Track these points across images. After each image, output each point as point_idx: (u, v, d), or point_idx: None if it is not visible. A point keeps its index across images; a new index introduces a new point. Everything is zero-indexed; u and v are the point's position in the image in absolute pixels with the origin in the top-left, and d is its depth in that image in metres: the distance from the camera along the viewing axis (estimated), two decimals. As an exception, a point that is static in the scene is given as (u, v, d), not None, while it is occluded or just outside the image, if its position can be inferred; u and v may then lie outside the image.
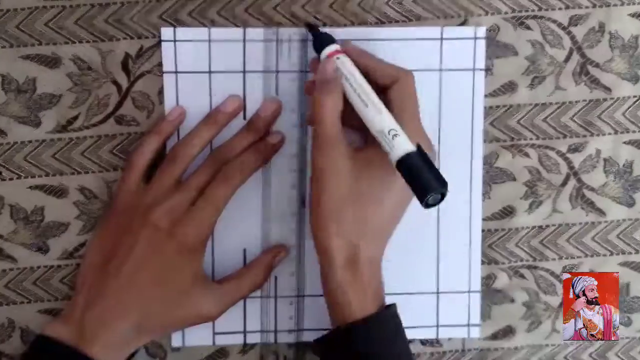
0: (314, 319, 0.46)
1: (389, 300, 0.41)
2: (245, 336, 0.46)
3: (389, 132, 0.38)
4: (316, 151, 0.40)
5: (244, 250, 0.46)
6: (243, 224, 0.45)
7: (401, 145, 0.38)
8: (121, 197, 0.43)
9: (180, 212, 0.41)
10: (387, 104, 0.40)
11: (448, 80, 0.45)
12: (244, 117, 0.45)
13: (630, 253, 0.48)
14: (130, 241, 0.41)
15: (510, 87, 0.46)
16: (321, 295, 0.41)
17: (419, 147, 0.38)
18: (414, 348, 0.48)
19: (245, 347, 0.47)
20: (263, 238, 0.46)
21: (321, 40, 0.42)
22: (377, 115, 0.39)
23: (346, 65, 0.41)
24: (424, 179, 0.37)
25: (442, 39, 0.45)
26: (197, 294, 0.42)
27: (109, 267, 0.41)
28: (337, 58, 0.41)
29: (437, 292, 0.47)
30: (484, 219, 0.47)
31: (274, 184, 0.45)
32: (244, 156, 0.44)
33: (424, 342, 0.48)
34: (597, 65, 0.46)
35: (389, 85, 0.41)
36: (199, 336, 0.46)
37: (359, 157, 0.40)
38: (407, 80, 0.41)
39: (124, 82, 0.44)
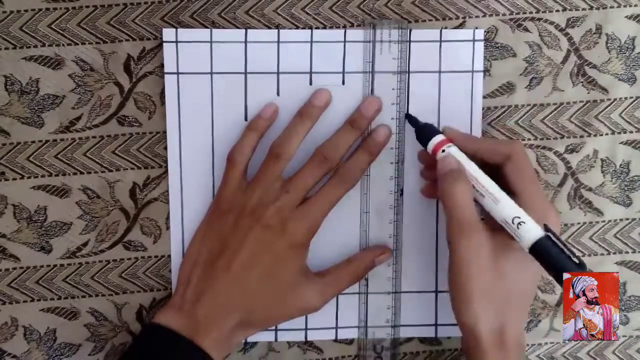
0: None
1: (387, 298, 0.42)
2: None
3: (512, 220, 0.38)
4: (456, 237, 0.39)
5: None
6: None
7: (528, 233, 0.38)
8: (225, 196, 0.44)
9: (289, 211, 0.42)
10: (505, 183, 0.41)
11: (447, 82, 0.46)
12: (245, 119, 0.45)
13: (627, 252, 0.48)
14: (238, 239, 0.42)
15: (508, 88, 0.47)
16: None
17: (546, 228, 0.38)
18: (413, 347, 0.48)
19: (246, 346, 0.47)
20: (361, 229, 0.46)
21: (425, 132, 0.43)
22: (496, 205, 0.39)
23: (455, 157, 0.41)
24: (558, 262, 0.37)
25: (440, 41, 0.45)
26: (302, 288, 0.43)
27: (217, 264, 0.42)
28: (444, 150, 0.42)
29: (436, 291, 0.47)
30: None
31: (372, 175, 0.46)
32: (356, 157, 0.44)
33: (422, 341, 0.48)
34: (594, 67, 0.47)
35: (501, 163, 0.41)
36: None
37: (495, 239, 0.40)
38: (519, 154, 0.41)
39: (126, 83, 0.45)
